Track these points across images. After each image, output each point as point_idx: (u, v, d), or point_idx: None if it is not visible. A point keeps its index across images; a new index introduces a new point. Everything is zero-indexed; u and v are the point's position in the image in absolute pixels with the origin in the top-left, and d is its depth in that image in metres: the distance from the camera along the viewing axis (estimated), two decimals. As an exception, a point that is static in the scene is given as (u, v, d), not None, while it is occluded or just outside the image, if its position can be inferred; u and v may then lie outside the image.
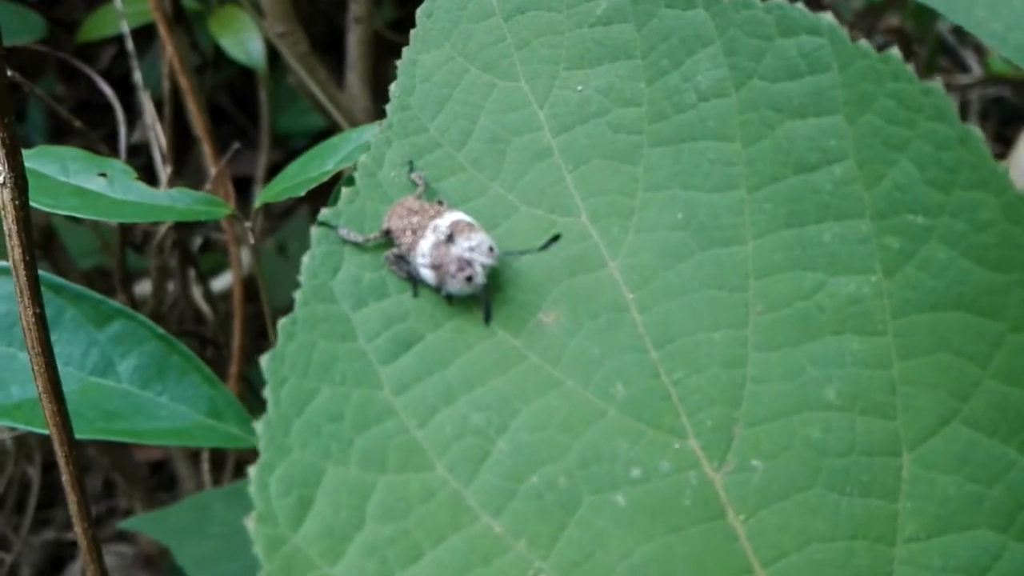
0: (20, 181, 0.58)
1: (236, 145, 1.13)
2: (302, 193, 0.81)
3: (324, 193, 0.87)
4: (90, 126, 1.22)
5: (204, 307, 1.44)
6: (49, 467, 1.60)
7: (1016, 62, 0.75)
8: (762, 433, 0.49)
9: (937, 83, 0.48)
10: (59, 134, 1.73)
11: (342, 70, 1.64)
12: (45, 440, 1.57)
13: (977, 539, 0.46)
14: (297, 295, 0.52)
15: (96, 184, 0.85)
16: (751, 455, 0.49)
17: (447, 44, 0.59)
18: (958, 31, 1.89)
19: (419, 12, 0.60)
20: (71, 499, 0.65)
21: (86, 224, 1.51)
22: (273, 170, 1.72)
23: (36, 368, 0.62)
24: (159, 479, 1.70)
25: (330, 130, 1.75)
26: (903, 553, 0.46)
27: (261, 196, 0.88)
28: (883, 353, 0.49)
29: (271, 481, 0.47)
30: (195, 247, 1.44)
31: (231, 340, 1.32)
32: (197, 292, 1.45)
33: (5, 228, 0.59)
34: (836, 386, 0.49)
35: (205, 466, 1.39)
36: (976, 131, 0.47)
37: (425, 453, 0.50)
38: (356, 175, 0.56)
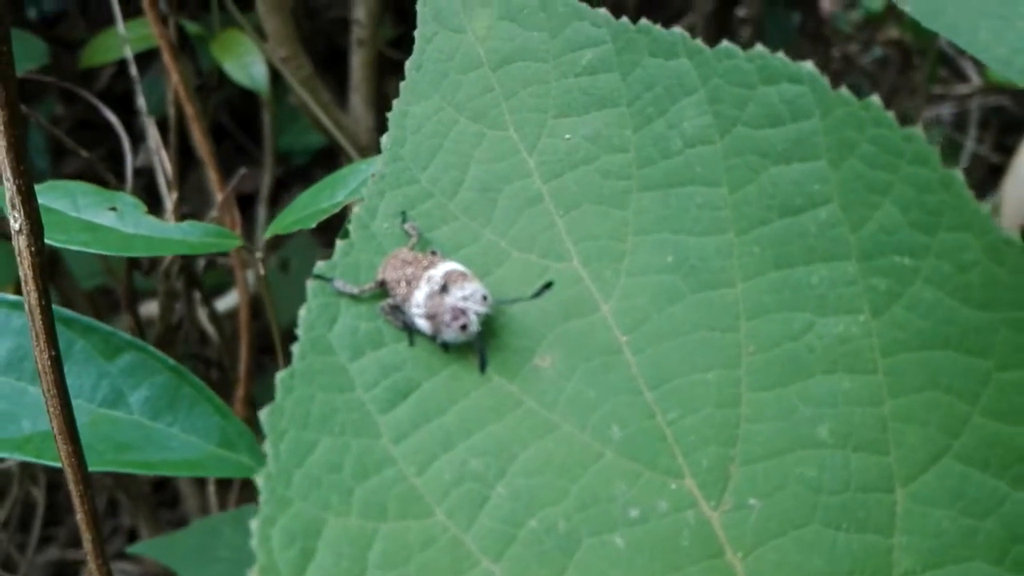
0: (36, 227, 0.59)
1: (242, 171, 1.13)
2: (312, 225, 0.82)
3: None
4: (90, 146, 1.23)
5: (209, 329, 1.44)
6: (53, 487, 1.59)
7: (1021, 85, 0.76)
8: (758, 472, 0.50)
9: (917, 129, 0.49)
10: (59, 154, 1.72)
11: (344, 89, 1.66)
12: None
13: (972, 572, 0.47)
14: (295, 348, 0.53)
15: (106, 219, 0.85)
16: (748, 494, 0.50)
17: (436, 95, 0.60)
18: (957, 43, 1.91)
19: (408, 64, 0.61)
20: (86, 538, 0.65)
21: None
22: (276, 189, 1.73)
23: (51, 410, 0.63)
24: (161, 497, 1.70)
25: (331, 149, 1.76)
26: (900, 589, 0.47)
27: (271, 228, 0.88)
28: (874, 391, 0.50)
29: (273, 534, 0.48)
30: (199, 268, 1.45)
31: (236, 361, 1.32)
32: (202, 314, 1.45)
33: (21, 274, 0.60)
34: (829, 424, 0.50)
35: (211, 488, 1.39)
36: (958, 174, 0.48)
37: (424, 500, 0.50)
38: (350, 227, 0.57)
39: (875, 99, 0.50)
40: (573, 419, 0.52)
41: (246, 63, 1.43)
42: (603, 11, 0.58)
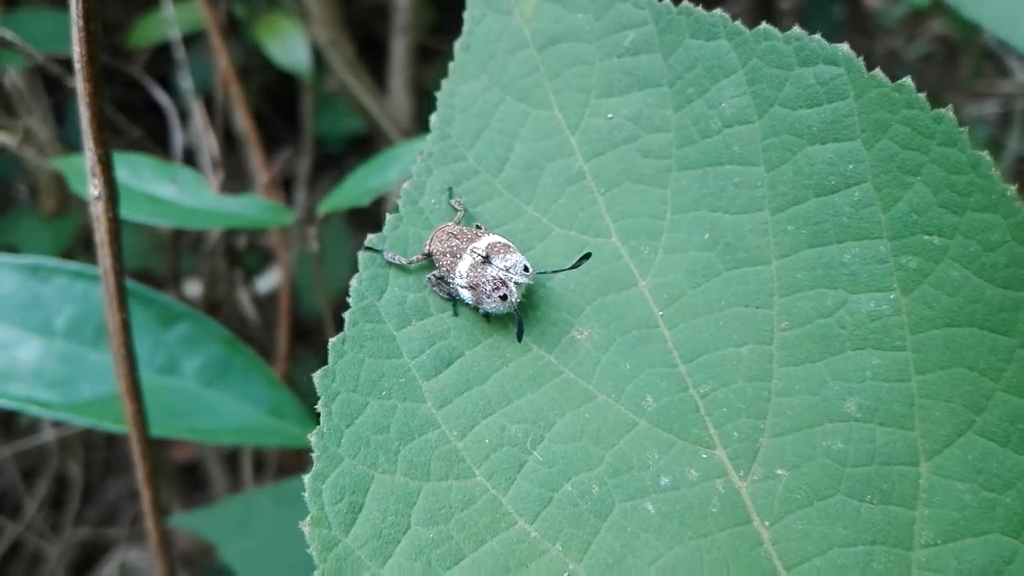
0: (113, 195, 0.62)
1: (287, 152, 1.16)
2: (366, 203, 0.84)
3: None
4: (125, 132, 1.26)
5: (249, 309, 1.48)
6: (88, 466, 1.65)
7: None
8: (787, 444, 0.52)
9: (948, 110, 0.50)
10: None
11: (380, 77, 1.68)
12: (87, 439, 1.63)
13: (991, 544, 0.48)
14: (346, 316, 0.56)
15: (167, 191, 0.89)
16: (776, 465, 0.52)
17: (484, 75, 0.62)
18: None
19: (457, 45, 0.63)
20: (144, 496, 0.70)
21: (133, 226, 1.56)
22: (314, 171, 1.76)
23: (120, 370, 0.67)
24: (191, 479, 1.75)
25: (367, 135, 1.79)
26: (920, 558, 0.49)
27: (325, 204, 0.91)
28: (902, 367, 0.51)
29: (324, 488, 0.51)
30: (240, 249, 1.48)
31: (273, 342, 1.36)
32: (243, 294, 1.49)
33: (97, 238, 0.63)
34: (857, 399, 0.51)
35: (247, 462, 1.43)
36: (986, 156, 0.49)
37: (465, 462, 0.53)
38: (399, 202, 0.60)
39: (908, 81, 0.51)
40: (609, 389, 0.55)
41: (290, 46, 1.45)
42: None
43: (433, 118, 0.61)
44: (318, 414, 0.53)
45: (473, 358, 0.56)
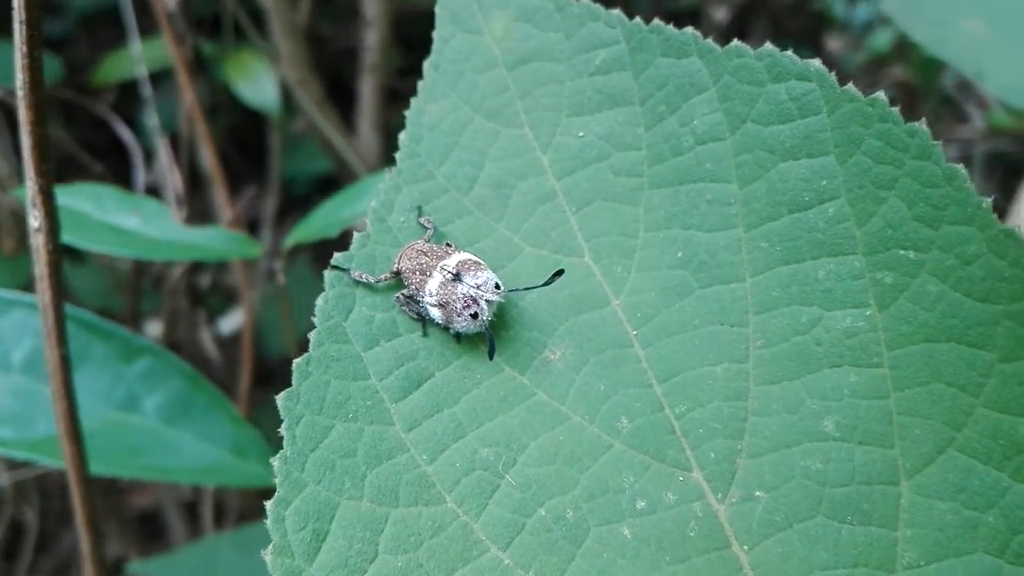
0: (54, 226, 0.61)
1: (252, 191, 1.15)
2: (334, 234, 0.83)
3: (323, 242, 0.89)
4: (87, 168, 1.24)
5: (211, 350, 1.45)
6: (43, 513, 1.59)
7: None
8: (764, 465, 0.51)
9: (922, 123, 0.50)
10: (61, 175, 1.75)
11: (349, 118, 1.67)
12: (43, 485, 1.57)
13: (974, 564, 0.47)
14: (311, 336, 0.54)
15: (131, 222, 0.87)
16: (754, 486, 0.51)
17: (453, 94, 0.62)
18: (961, 85, 1.93)
19: (426, 64, 0.62)
20: (85, 540, 0.66)
21: (93, 265, 1.53)
22: (280, 214, 1.74)
23: (58, 409, 0.64)
24: (149, 527, 1.69)
25: (334, 176, 1.78)
26: (904, 579, 0.47)
27: (292, 236, 0.90)
28: (879, 384, 0.50)
29: (287, 515, 0.49)
30: (203, 287, 1.46)
31: (234, 384, 1.33)
32: (206, 335, 1.46)
33: (37, 272, 0.61)
34: (835, 417, 0.50)
35: (208, 507, 1.39)
36: (961, 169, 0.49)
37: (435, 487, 0.51)
38: (367, 220, 0.59)
39: (881, 95, 0.50)
40: (582, 410, 0.53)
41: (259, 85, 1.44)
42: (617, 12, 0.59)
43: (402, 136, 0.60)
44: (281, 439, 0.51)
45: (443, 379, 0.54)
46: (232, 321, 1.70)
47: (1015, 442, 0.47)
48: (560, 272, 0.55)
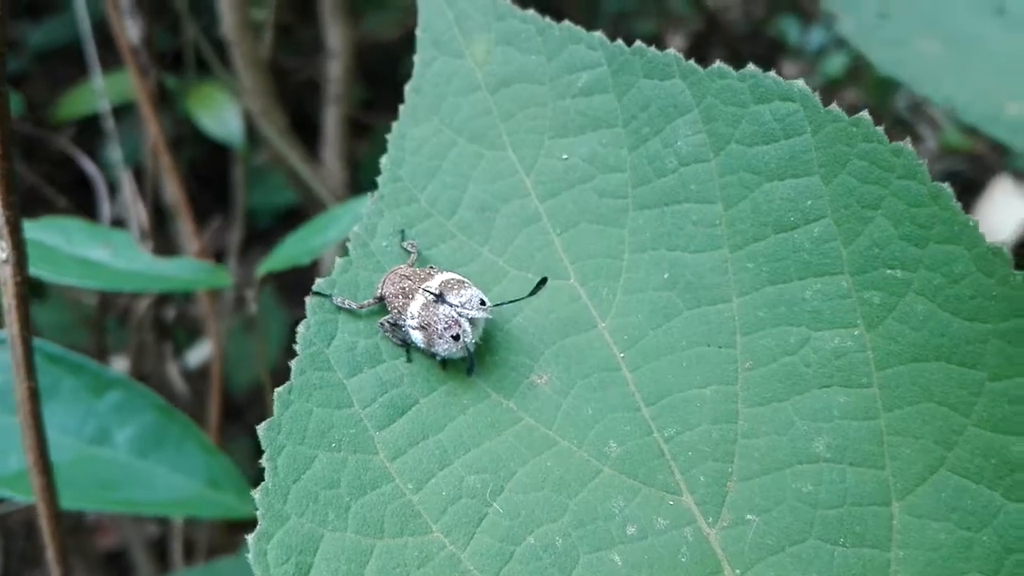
0: (22, 258, 0.60)
1: (217, 222, 1.14)
2: (307, 261, 0.82)
3: (288, 274, 0.88)
4: (52, 203, 1.23)
5: (179, 384, 1.43)
6: (7, 553, 1.56)
7: (981, 129, 0.79)
8: (755, 487, 0.50)
9: (907, 143, 0.50)
10: (25, 210, 1.71)
11: (313, 150, 1.67)
12: (7, 526, 1.54)
13: (970, 585, 0.46)
14: (293, 364, 0.53)
15: (99, 254, 0.86)
16: (745, 510, 0.50)
17: (435, 118, 0.61)
18: (914, 107, 1.96)
19: (407, 88, 0.62)
20: (55, 572, 0.65)
21: (55, 302, 1.50)
22: (244, 247, 1.73)
23: (27, 441, 0.63)
24: (115, 568, 1.65)
25: (298, 208, 1.77)
26: (899, 602, 0.47)
27: (265, 265, 0.89)
28: (869, 405, 0.50)
29: (269, 548, 0.48)
30: (169, 320, 1.43)
31: (203, 418, 1.31)
32: (172, 368, 1.44)
33: (4, 304, 0.60)
34: (825, 439, 0.50)
35: (177, 545, 1.36)
36: (947, 188, 0.49)
37: (421, 517, 0.50)
38: (349, 245, 0.58)
39: (865, 115, 0.50)
40: (570, 435, 0.52)
41: (222, 117, 1.43)
42: (598, 34, 0.59)
43: (383, 160, 0.60)
44: (259, 477, 0.50)
45: (428, 406, 0.53)
46: (199, 354, 1.68)
47: (1007, 461, 0.47)
48: (544, 281, 0.54)
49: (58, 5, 1.85)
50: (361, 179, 1.66)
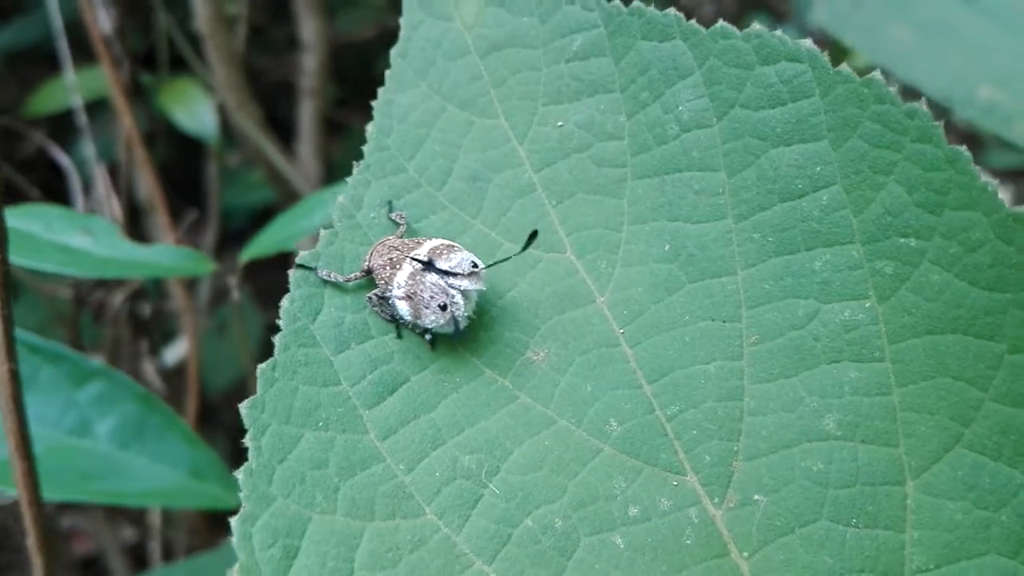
0: (2, 238, 0.57)
1: (193, 215, 1.11)
2: (293, 246, 0.80)
3: (261, 274, 0.85)
4: (25, 194, 1.20)
5: (155, 381, 1.40)
6: None
7: (960, 114, 0.80)
8: (763, 467, 0.48)
9: (922, 103, 0.47)
10: None
11: (286, 148, 1.64)
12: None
13: (987, 566, 0.44)
14: (276, 339, 0.50)
15: (80, 242, 0.84)
16: (752, 490, 0.48)
17: (423, 84, 0.58)
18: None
19: (393, 52, 0.59)
20: (36, 563, 0.62)
21: (29, 300, 1.47)
22: (217, 248, 1.70)
23: (8, 425, 0.60)
24: (91, 574, 1.63)
25: (271, 208, 1.75)
26: (914, 584, 0.45)
27: (248, 251, 0.86)
28: (882, 380, 0.48)
29: (254, 531, 0.45)
30: (146, 315, 1.41)
31: (180, 416, 1.28)
32: (148, 366, 1.41)
33: None
34: (835, 415, 0.48)
35: (155, 546, 1.34)
36: (964, 151, 0.46)
37: (414, 498, 0.48)
38: (334, 216, 0.55)
39: (877, 75, 0.48)
40: (569, 414, 0.50)
41: (196, 112, 1.40)
42: None
43: (369, 128, 0.57)
44: (243, 456, 0.47)
45: (420, 384, 0.51)
46: (175, 352, 1.65)
47: (1029, 436, 0.45)
48: (535, 234, 0.51)
49: (27, 5, 1.81)
50: (336, 179, 1.64)
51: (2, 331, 0.58)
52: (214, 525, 1.32)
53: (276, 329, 0.51)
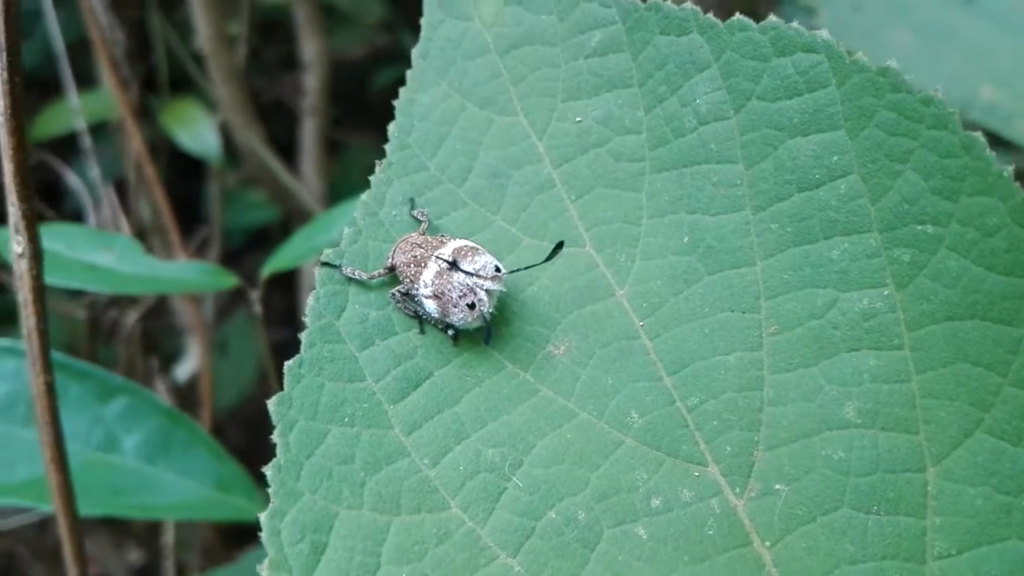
0: (37, 252, 0.59)
1: (204, 233, 1.12)
2: (311, 261, 0.81)
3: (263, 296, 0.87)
4: (41, 215, 1.21)
5: (168, 399, 1.42)
6: None
7: (965, 117, 0.82)
8: (784, 456, 0.48)
9: (937, 91, 0.47)
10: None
11: (286, 168, 1.65)
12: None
13: (1009, 551, 0.44)
14: (303, 336, 0.51)
15: (104, 259, 0.86)
16: (774, 479, 0.48)
17: (443, 82, 0.59)
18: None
19: (414, 53, 0.60)
20: (72, 572, 0.64)
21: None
22: (221, 264, 1.71)
23: (44, 437, 0.61)
24: None
25: (270, 228, 1.76)
26: (934, 570, 0.45)
27: (270, 265, 0.88)
28: (901, 367, 0.48)
29: (283, 527, 0.46)
30: (155, 333, 1.43)
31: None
32: (160, 384, 1.43)
33: (21, 298, 0.59)
34: (855, 403, 0.48)
35: (169, 564, 1.36)
36: (979, 137, 0.46)
37: (439, 492, 0.49)
38: (357, 214, 0.56)
39: (893, 63, 0.48)
40: (590, 406, 0.51)
41: (198, 132, 1.41)
42: None
43: (391, 127, 0.58)
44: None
45: (443, 378, 0.51)
46: (186, 368, 1.67)
47: (1049, 421, 0.45)
48: (560, 245, 0.52)
49: (25, 32, 1.84)
50: (335, 196, 1.65)
51: (38, 344, 0.60)
52: (230, 542, 1.33)
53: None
